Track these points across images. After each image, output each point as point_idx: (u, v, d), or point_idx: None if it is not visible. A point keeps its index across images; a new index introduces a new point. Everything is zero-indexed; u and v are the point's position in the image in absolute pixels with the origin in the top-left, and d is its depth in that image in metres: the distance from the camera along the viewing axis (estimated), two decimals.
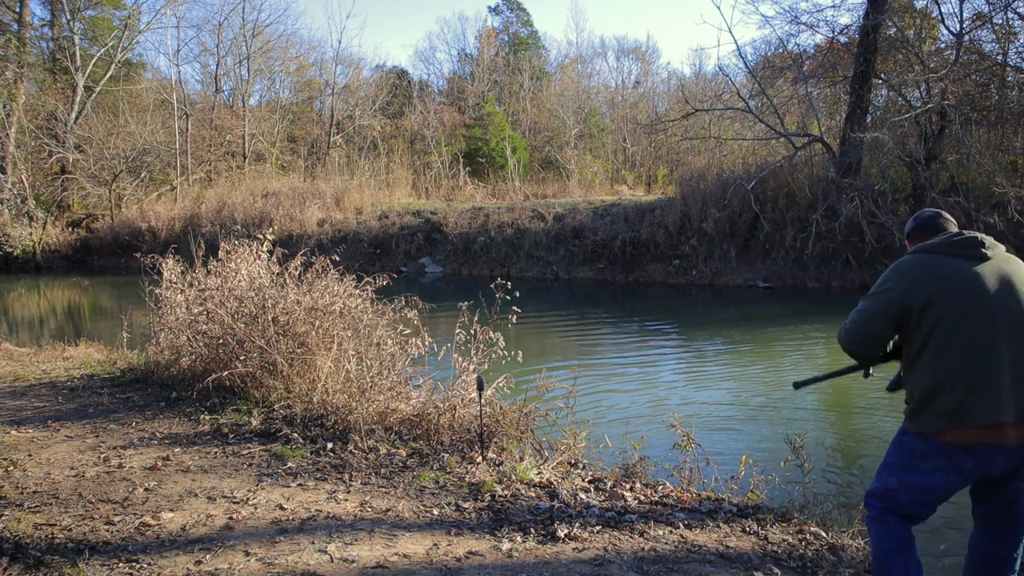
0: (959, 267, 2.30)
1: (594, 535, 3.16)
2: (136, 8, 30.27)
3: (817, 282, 15.28)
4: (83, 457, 4.24)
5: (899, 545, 2.33)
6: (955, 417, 2.23)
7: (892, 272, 2.41)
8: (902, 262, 2.43)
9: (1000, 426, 2.20)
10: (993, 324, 2.23)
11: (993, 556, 2.42)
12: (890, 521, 2.37)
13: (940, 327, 2.26)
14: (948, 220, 2.55)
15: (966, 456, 2.25)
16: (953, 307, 2.25)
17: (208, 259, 6.45)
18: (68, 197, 26.84)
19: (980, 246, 2.33)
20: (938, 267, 2.32)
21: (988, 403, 2.19)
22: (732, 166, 19.04)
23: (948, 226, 2.52)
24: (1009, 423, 2.20)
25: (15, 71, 25.17)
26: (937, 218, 2.55)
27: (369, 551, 2.98)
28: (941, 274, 2.30)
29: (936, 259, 2.35)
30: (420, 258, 20.68)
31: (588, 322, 12.33)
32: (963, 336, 2.24)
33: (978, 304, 2.25)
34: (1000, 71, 15.44)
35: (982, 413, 2.20)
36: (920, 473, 2.31)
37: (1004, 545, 2.40)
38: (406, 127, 31.35)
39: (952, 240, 2.37)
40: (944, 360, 2.26)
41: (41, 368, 7.17)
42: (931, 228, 2.52)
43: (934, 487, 2.30)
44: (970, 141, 14.70)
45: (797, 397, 7.11)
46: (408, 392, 4.98)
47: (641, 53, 39.13)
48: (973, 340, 2.23)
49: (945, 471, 2.28)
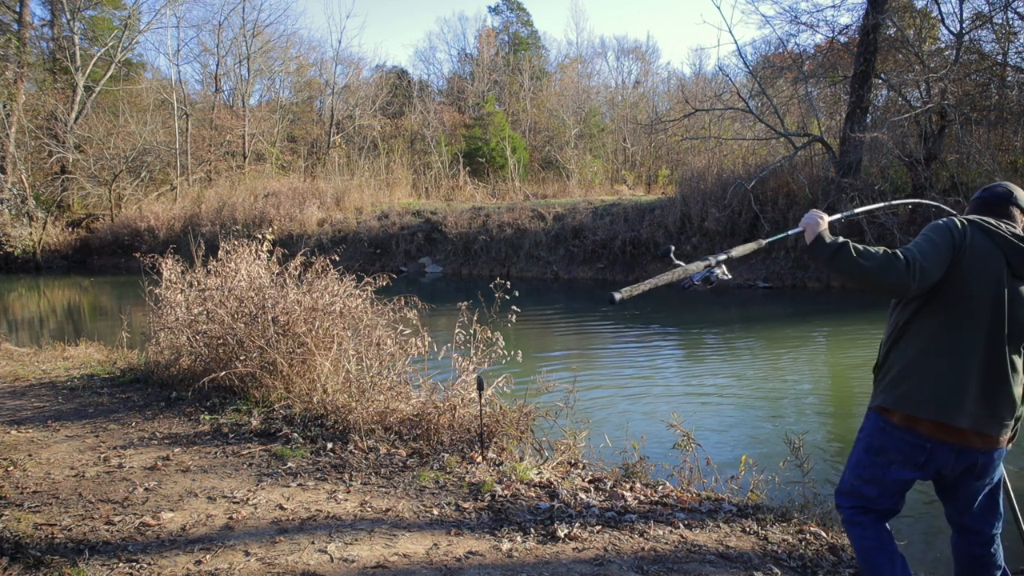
0: (1000, 268, 2.19)
1: (594, 535, 3.16)
2: (136, 8, 30.32)
3: (817, 282, 15.28)
4: (83, 457, 4.24)
5: (878, 543, 2.36)
6: (911, 403, 2.24)
7: (945, 230, 2.24)
8: (952, 223, 2.25)
9: (956, 429, 2.21)
10: (993, 331, 2.19)
11: (974, 556, 2.44)
12: (864, 521, 2.39)
13: (955, 313, 2.21)
14: (1017, 208, 2.34)
15: (920, 451, 2.26)
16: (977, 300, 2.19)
17: (208, 259, 6.46)
18: (68, 197, 26.86)
19: None
20: (989, 258, 2.19)
21: (954, 403, 2.19)
22: (732, 166, 19.04)
23: (1014, 214, 2.33)
24: (967, 430, 2.20)
25: (15, 71, 25.18)
26: (1006, 200, 2.35)
27: (369, 551, 2.98)
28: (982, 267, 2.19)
29: (989, 247, 2.21)
30: (420, 258, 20.69)
31: (588, 322, 12.33)
32: (967, 335, 2.20)
33: (995, 314, 2.19)
34: (1000, 71, 15.44)
35: (942, 412, 2.20)
36: (877, 467, 2.33)
37: (980, 543, 2.41)
38: (406, 127, 31.37)
39: (1012, 243, 2.21)
40: (933, 346, 2.23)
41: (41, 368, 7.17)
42: (995, 209, 2.34)
43: (893, 480, 2.32)
44: (970, 141, 14.69)
45: (797, 397, 7.11)
46: (408, 392, 4.97)
47: (641, 53, 39.19)
48: (969, 339, 2.20)
49: (900, 464, 2.29)
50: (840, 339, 10.11)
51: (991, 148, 14.78)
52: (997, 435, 2.24)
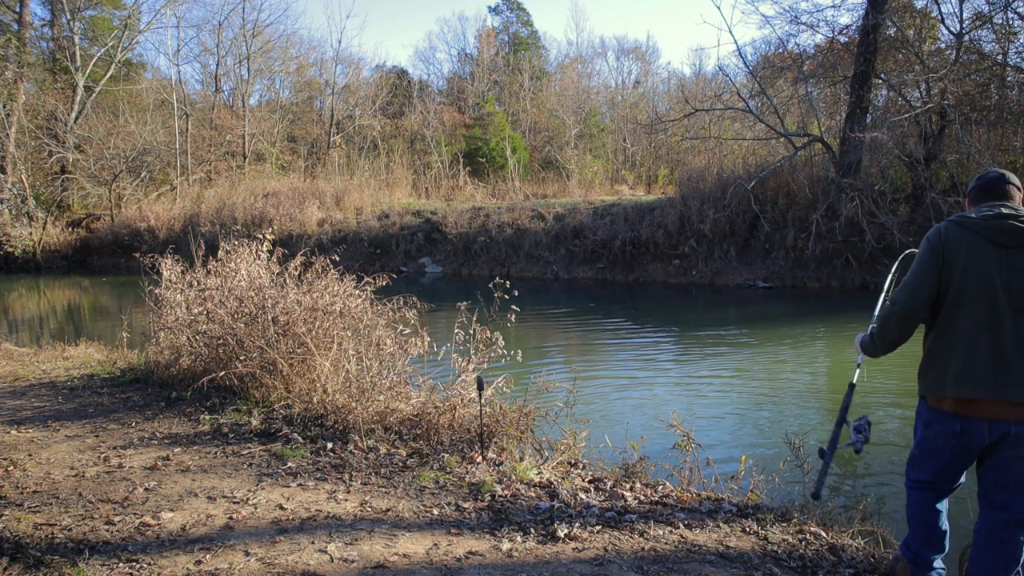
0: (982, 249, 2.41)
1: (594, 535, 3.16)
2: (136, 8, 30.32)
3: (817, 282, 15.28)
4: (83, 457, 4.24)
5: (923, 504, 2.65)
6: (938, 386, 2.50)
7: (925, 241, 2.55)
8: (932, 231, 2.55)
9: (979, 403, 2.40)
10: (995, 309, 2.38)
11: (999, 540, 2.43)
12: (916, 489, 2.67)
13: (952, 301, 2.46)
14: (1012, 186, 2.55)
15: (952, 428, 2.47)
16: (977, 285, 2.41)
17: (208, 259, 6.45)
18: (68, 197, 26.86)
19: (1018, 235, 2.39)
20: (965, 244, 2.44)
21: (970, 379, 2.41)
22: (732, 166, 19.04)
23: (1012, 192, 2.53)
24: (990, 400, 2.38)
25: (15, 71, 25.18)
26: (1000, 181, 2.55)
27: (369, 551, 2.98)
28: (966, 252, 2.43)
29: (965, 235, 2.45)
30: (420, 258, 20.68)
31: (588, 322, 12.33)
32: (965, 315, 2.43)
33: (987, 289, 2.39)
34: (1000, 71, 15.44)
35: (962, 388, 2.42)
36: (928, 442, 2.58)
37: (1008, 524, 2.43)
38: (406, 127, 31.37)
39: (993, 224, 2.42)
40: (943, 332, 2.50)
41: (41, 368, 7.17)
42: (990, 193, 2.55)
43: (939, 451, 2.54)
44: (970, 141, 14.69)
45: (797, 397, 7.12)
46: (408, 392, 4.97)
47: (641, 53, 39.18)
48: (971, 320, 2.42)
49: (945, 437, 2.50)
50: (840, 339, 10.11)
51: (991, 148, 14.78)
52: None
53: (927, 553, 2.67)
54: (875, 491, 4.57)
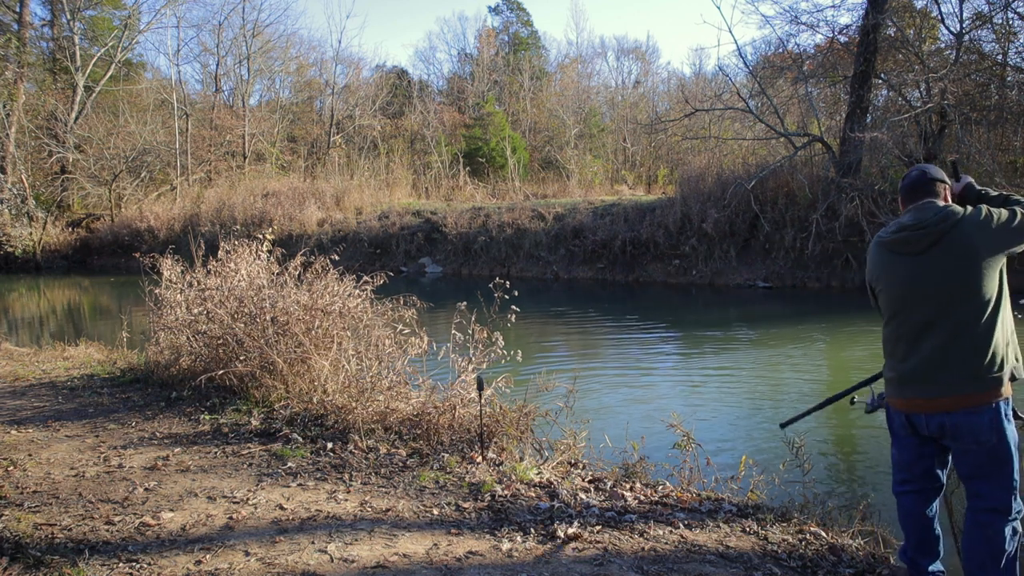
0: (896, 262, 2.59)
1: (594, 535, 3.16)
2: (136, 8, 30.34)
3: (817, 282, 15.27)
4: (83, 457, 4.24)
5: (912, 511, 2.71)
6: (888, 389, 2.73)
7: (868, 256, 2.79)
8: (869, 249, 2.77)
9: (910, 401, 2.60)
10: (910, 309, 2.55)
11: (979, 524, 2.49)
12: (903, 494, 2.74)
13: (886, 313, 2.67)
14: (936, 181, 2.62)
15: (906, 425, 2.65)
16: (892, 297, 2.61)
17: (208, 259, 6.45)
18: (68, 197, 26.87)
19: (915, 243, 2.53)
20: (883, 260, 2.64)
21: (901, 380, 2.61)
22: (732, 166, 19.03)
23: (935, 189, 2.62)
24: (915, 399, 2.57)
25: (15, 71, 25.19)
26: (919, 183, 2.64)
27: (369, 551, 2.98)
28: (887, 267, 2.63)
29: (881, 252, 2.64)
30: (420, 258, 20.68)
31: (588, 322, 12.33)
32: (892, 321, 2.63)
33: (910, 297, 2.55)
34: (1000, 71, 15.43)
35: (897, 389, 2.65)
36: (895, 435, 2.75)
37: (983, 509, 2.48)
38: (406, 127, 31.37)
39: (894, 238, 2.59)
40: (886, 340, 2.71)
41: (41, 368, 7.17)
42: (914, 192, 2.65)
43: (903, 443, 2.70)
44: (970, 141, 14.68)
45: (797, 397, 7.11)
46: (408, 392, 4.97)
47: (641, 53, 39.19)
48: (896, 325, 2.61)
49: (903, 427, 2.67)
50: (840, 339, 10.11)
51: (991, 148, 14.77)
52: (948, 396, 2.47)
53: (922, 560, 2.71)
54: (875, 491, 4.57)
